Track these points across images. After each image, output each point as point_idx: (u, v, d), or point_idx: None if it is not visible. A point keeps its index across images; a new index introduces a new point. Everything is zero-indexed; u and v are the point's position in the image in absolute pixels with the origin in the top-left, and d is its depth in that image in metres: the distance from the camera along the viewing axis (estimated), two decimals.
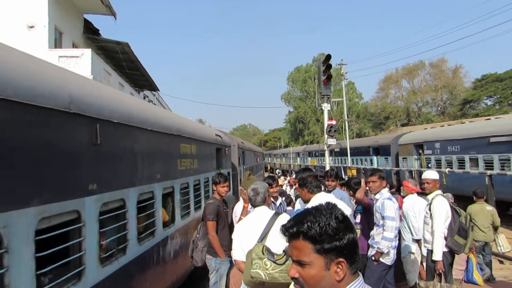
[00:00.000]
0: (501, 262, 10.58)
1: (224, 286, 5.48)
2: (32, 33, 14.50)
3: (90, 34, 19.17)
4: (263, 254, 3.02)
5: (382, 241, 5.00)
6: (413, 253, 5.90)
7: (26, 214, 2.73)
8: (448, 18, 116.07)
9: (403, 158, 22.46)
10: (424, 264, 5.98)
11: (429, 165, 19.27)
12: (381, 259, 5.07)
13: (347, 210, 4.78)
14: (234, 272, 5.79)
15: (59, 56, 13.86)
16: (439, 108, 61.24)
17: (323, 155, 37.10)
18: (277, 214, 3.54)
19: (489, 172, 13.75)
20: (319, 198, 4.22)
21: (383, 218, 5.03)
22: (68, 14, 16.94)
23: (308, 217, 1.45)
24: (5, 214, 2.52)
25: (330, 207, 1.49)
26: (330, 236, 1.40)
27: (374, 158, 26.60)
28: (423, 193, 5.85)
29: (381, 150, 26.01)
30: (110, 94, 4.72)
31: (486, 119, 20.52)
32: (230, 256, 4.99)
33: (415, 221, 5.79)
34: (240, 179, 15.28)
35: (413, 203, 5.94)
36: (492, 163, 15.09)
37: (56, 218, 3.12)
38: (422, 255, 5.84)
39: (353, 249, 1.44)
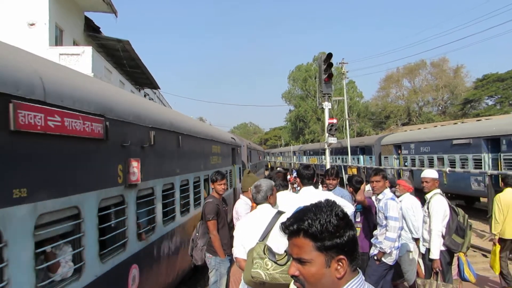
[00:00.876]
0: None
1: (224, 285, 5.47)
2: (33, 31, 14.50)
3: (91, 31, 19.17)
4: (265, 254, 2.99)
5: (385, 241, 4.99)
6: (411, 252, 5.90)
7: (159, 181, 5.62)
8: (449, 18, 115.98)
9: (385, 157, 24.71)
10: (421, 262, 6.06)
11: (406, 164, 21.69)
12: (383, 259, 5.08)
13: (349, 208, 4.76)
14: (234, 270, 5.79)
15: (59, 53, 13.87)
16: (440, 108, 61.21)
17: (317, 153, 39.02)
18: (279, 213, 3.49)
19: (489, 171, 13.77)
20: (280, 196, 4.22)
21: (386, 218, 5.02)
22: (68, 11, 16.94)
23: (308, 214, 1.44)
24: (153, 181, 5.33)
25: (330, 204, 1.47)
26: (331, 233, 1.39)
27: (361, 157, 29.11)
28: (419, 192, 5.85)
29: (366, 150, 28.63)
30: (183, 118, 8.19)
31: (486, 119, 21.73)
32: (230, 255, 4.97)
33: (415, 219, 5.79)
34: (267, 166, 20.79)
35: (412, 201, 5.93)
36: (455, 162, 17.56)
37: (166, 185, 5.94)
38: (419, 253, 5.85)
39: (353, 246, 1.43)
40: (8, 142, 2.58)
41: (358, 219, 5.76)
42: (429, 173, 5.54)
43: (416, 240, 5.81)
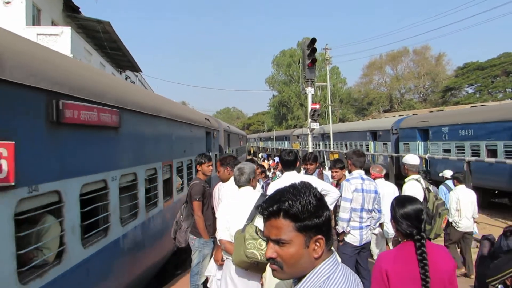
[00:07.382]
0: None
1: (206, 266, 5.49)
2: (9, 9, 13.95)
3: (70, 12, 18.58)
4: (257, 234, 3.09)
5: (339, 221, 5.01)
6: (375, 235, 6.05)
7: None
8: (433, 5, 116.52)
9: (293, 143, 42.62)
10: (390, 244, 6.38)
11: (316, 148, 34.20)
12: (345, 238, 5.04)
13: (334, 193, 4.88)
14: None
15: (37, 34, 13.40)
16: (421, 95, 62.06)
17: (267, 139, 57.87)
18: (263, 195, 3.54)
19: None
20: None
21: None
22: None
23: (287, 195, 1.44)
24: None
25: (307, 186, 1.49)
26: (311, 214, 1.41)
27: (285, 142, 48.15)
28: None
29: (286, 138, 48.92)
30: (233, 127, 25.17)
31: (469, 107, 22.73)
32: (213, 237, 5.01)
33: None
34: (249, 151, 50.96)
35: (379, 187, 6.08)
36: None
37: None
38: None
39: (329, 226, 1.47)
40: None
41: None
42: (406, 159, 5.61)
43: (381, 224, 5.93)
